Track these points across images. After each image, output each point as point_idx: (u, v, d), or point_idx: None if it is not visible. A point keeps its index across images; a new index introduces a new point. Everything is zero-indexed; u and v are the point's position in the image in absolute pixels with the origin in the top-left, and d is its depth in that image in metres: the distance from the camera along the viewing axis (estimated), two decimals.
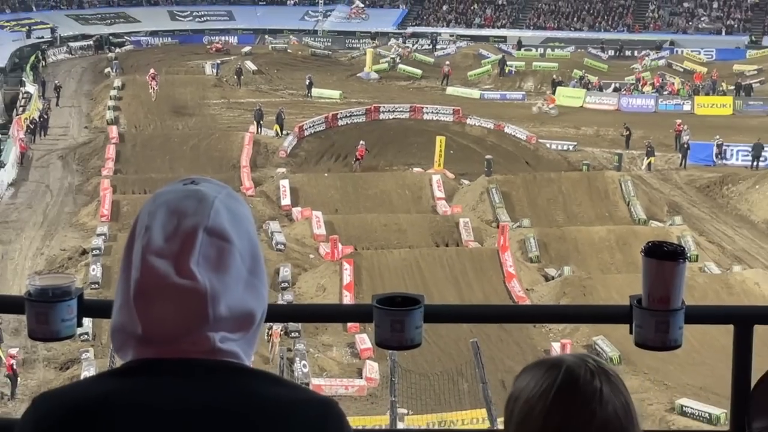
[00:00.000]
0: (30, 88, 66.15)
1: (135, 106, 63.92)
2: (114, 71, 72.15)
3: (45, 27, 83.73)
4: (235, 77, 69.93)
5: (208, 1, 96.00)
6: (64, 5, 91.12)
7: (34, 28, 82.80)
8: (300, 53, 79.98)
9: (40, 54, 76.66)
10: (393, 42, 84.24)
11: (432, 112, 61.04)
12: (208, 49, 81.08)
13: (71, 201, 49.93)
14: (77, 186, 51.92)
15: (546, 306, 26.82)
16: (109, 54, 78.94)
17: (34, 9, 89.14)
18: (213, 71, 72.52)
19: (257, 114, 58.45)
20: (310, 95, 67.54)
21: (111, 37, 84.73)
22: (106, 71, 73.29)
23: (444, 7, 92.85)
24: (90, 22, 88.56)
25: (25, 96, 64.13)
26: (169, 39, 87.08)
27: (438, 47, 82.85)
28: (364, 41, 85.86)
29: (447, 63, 74.18)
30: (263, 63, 74.52)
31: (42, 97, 65.68)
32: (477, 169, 51.86)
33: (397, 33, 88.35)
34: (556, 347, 33.74)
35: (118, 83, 67.36)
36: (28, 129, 58.44)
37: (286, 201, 47.75)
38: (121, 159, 54.07)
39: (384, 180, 50.62)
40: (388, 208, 47.63)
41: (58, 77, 71.01)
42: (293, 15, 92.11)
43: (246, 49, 79.10)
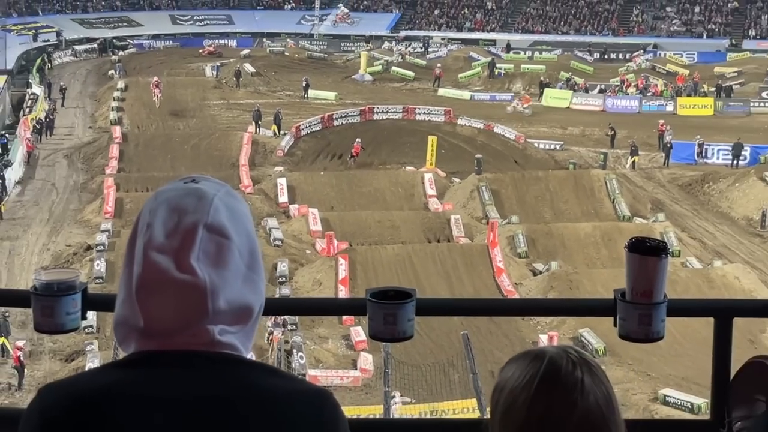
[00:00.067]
0: (36, 89, 66.02)
1: (137, 107, 63.84)
2: (117, 73, 72.00)
3: (51, 31, 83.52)
4: (235, 79, 69.84)
5: (208, 6, 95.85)
6: (69, 9, 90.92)
7: (40, 31, 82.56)
8: (297, 56, 79.88)
9: (46, 57, 76.48)
10: (395, 44, 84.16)
11: (424, 112, 61.00)
12: (201, 53, 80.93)
13: (76, 198, 49.89)
14: (82, 184, 51.88)
15: (534, 299, 26.86)
16: (113, 57, 78.81)
17: (40, 13, 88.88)
18: (213, 73, 72.40)
19: (256, 114, 58.43)
20: (306, 96, 67.48)
21: (114, 41, 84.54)
22: (109, 73, 73.17)
23: (436, 12, 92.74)
24: (94, 25, 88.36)
25: (32, 97, 64.03)
26: (171, 42, 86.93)
27: (430, 50, 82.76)
28: (358, 44, 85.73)
29: (438, 65, 74.09)
30: (261, 65, 74.45)
31: (48, 98, 65.58)
32: (467, 168, 51.89)
33: (390, 36, 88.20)
34: (543, 339, 33.74)
35: (121, 85, 67.24)
36: (34, 129, 58.39)
37: (283, 198, 47.76)
38: (124, 158, 54.03)
39: (378, 178, 50.62)
40: (381, 205, 47.63)
41: (63, 79, 70.91)
42: (290, 19, 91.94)
43: (245, 52, 78.99)
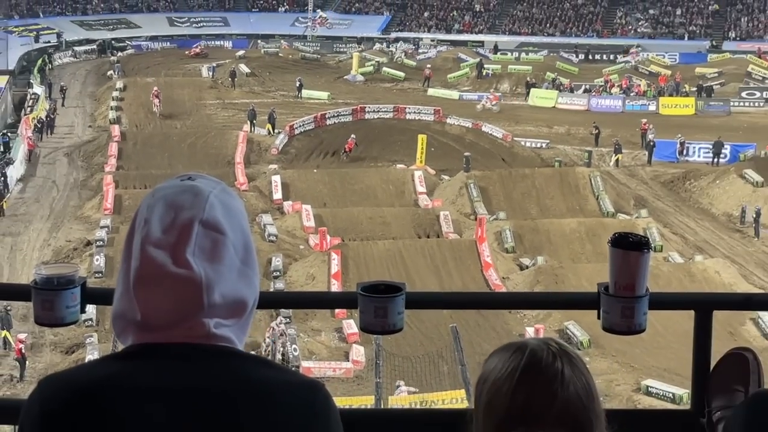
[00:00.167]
0: (37, 89, 65.94)
1: (136, 106, 63.77)
2: (116, 74, 71.90)
3: (51, 32, 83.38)
4: (230, 79, 69.78)
5: (204, 8, 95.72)
6: (69, 12, 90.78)
7: (41, 33, 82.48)
8: (291, 57, 79.78)
9: (46, 57, 76.39)
10: (400, 44, 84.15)
11: (414, 112, 60.99)
12: (187, 54, 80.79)
13: (76, 195, 49.84)
14: (82, 181, 51.83)
15: (520, 293, 26.85)
16: (112, 57, 78.70)
17: (41, 15, 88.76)
18: (209, 74, 72.33)
19: (250, 114, 58.36)
20: (300, 96, 67.44)
21: (113, 42, 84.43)
22: (108, 74, 73.06)
23: (425, 14, 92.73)
24: (94, 27, 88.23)
25: (33, 97, 63.94)
26: (168, 43, 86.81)
27: (420, 51, 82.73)
28: (350, 46, 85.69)
29: (428, 66, 74.07)
30: (256, 66, 74.36)
31: (48, 98, 65.48)
32: (456, 166, 51.92)
33: (381, 38, 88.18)
34: (530, 332, 33.78)
35: (120, 85, 67.15)
36: (35, 128, 58.31)
37: (277, 195, 47.75)
38: (123, 156, 53.96)
39: (369, 176, 50.63)
40: (373, 202, 47.63)
41: (63, 79, 70.83)
42: (284, 21, 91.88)
43: (240, 53, 78.88)
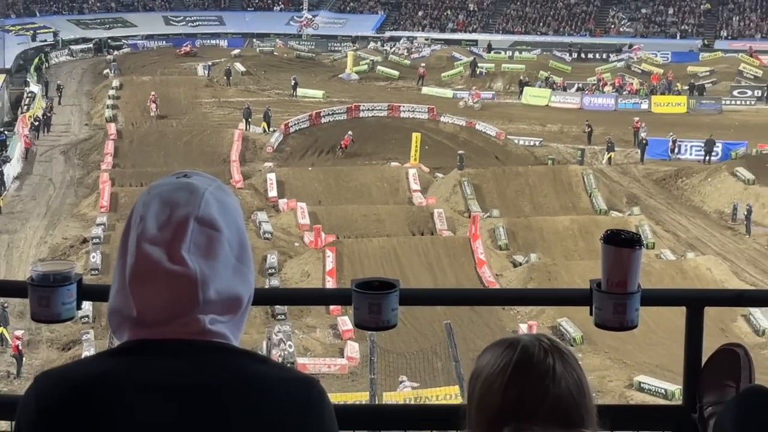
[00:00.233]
0: (34, 88, 65.87)
1: (132, 104, 63.74)
2: (112, 72, 71.84)
3: (48, 31, 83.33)
4: (225, 78, 69.76)
5: (200, 7, 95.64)
6: (66, 11, 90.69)
7: (38, 32, 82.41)
8: (286, 56, 79.73)
9: (43, 56, 76.33)
10: (403, 41, 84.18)
11: (408, 110, 61.00)
12: (177, 52, 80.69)
13: (73, 193, 49.80)
14: (78, 179, 51.78)
15: (514, 289, 26.86)
16: (108, 56, 78.55)
17: (37, 14, 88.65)
18: (205, 72, 72.29)
19: (246, 112, 58.35)
20: (295, 95, 67.43)
21: (109, 41, 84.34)
22: (104, 72, 72.98)
23: (420, 13, 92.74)
24: (90, 26, 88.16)
25: (30, 95, 63.88)
26: (164, 42, 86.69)
27: (414, 50, 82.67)
28: (345, 45, 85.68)
29: (422, 65, 74.06)
30: (251, 65, 74.32)
31: (45, 97, 65.41)
32: (450, 163, 51.92)
33: (376, 37, 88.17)
34: (523, 328, 33.79)
35: (116, 83, 67.13)
36: (32, 126, 58.26)
37: (273, 193, 47.73)
38: (119, 154, 53.94)
39: (364, 173, 50.62)
40: (367, 199, 47.64)
41: (60, 78, 70.77)
42: (279, 20, 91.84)
43: (235, 52, 78.82)
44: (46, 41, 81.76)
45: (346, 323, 34.30)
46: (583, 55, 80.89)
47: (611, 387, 31.44)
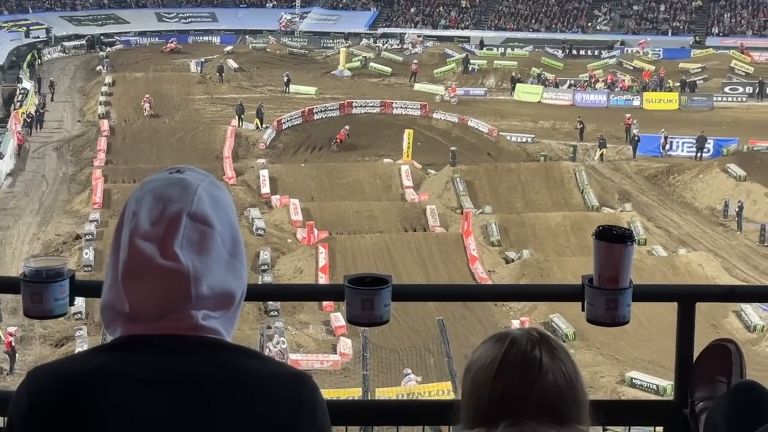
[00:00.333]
0: (27, 84, 65.78)
1: (125, 101, 63.64)
2: (105, 69, 71.76)
3: (40, 27, 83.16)
4: (218, 74, 69.68)
5: (192, 4, 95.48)
6: (58, 7, 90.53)
7: (30, 28, 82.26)
8: (278, 52, 79.67)
9: (36, 53, 76.21)
10: (408, 35, 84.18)
11: (401, 107, 60.97)
12: (163, 49, 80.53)
13: (65, 189, 49.72)
14: (71, 176, 51.70)
15: (506, 285, 26.88)
16: (101, 53, 78.50)
17: (30, 10, 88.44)
18: (197, 69, 72.15)
19: (239, 109, 58.28)
20: (287, 91, 67.36)
21: (102, 37, 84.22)
22: (97, 69, 72.88)
23: (412, 10, 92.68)
24: (83, 23, 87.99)
25: (22, 92, 63.76)
26: (157, 39, 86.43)
27: (405, 46, 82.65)
28: (338, 41, 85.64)
29: (415, 61, 74.02)
30: (244, 61, 74.23)
31: (38, 93, 65.31)
32: (442, 160, 51.96)
33: (368, 33, 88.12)
34: (515, 324, 33.79)
35: (108, 80, 67.00)
36: (25, 123, 58.14)
37: (265, 189, 47.69)
38: (112, 150, 53.87)
39: (356, 170, 50.61)
40: (360, 196, 47.62)
41: (53, 74, 70.66)
42: (272, 17, 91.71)
43: (228, 49, 78.63)
44: (38, 38, 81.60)
45: (338, 319, 34.27)
46: (575, 52, 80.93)
47: (603, 383, 31.46)
